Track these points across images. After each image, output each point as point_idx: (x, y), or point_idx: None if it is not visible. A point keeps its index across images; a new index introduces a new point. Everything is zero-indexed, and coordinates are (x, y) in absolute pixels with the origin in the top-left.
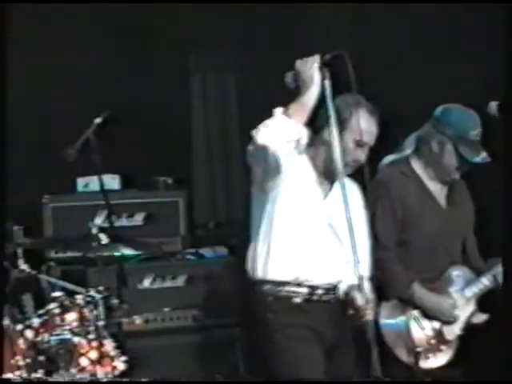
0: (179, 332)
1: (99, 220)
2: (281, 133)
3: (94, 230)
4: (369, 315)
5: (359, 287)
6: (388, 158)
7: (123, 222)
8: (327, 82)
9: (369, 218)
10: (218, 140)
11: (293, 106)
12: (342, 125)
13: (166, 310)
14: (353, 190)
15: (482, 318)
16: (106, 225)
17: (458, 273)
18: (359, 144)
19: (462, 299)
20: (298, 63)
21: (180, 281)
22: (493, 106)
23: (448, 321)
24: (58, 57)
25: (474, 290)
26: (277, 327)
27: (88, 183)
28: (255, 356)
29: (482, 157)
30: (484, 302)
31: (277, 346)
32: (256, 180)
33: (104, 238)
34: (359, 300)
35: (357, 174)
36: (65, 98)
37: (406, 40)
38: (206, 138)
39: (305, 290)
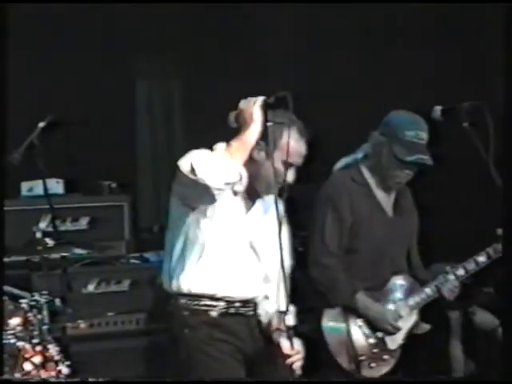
0: (124, 336)
1: (43, 224)
2: (222, 174)
3: (39, 235)
4: (295, 366)
5: (288, 336)
6: (341, 162)
7: (67, 226)
8: (270, 125)
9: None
10: (163, 143)
11: (234, 145)
12: (272, 144)
13: (111, 314)
14: (278, 207)
15: (424, 328)
16: (50, 229)
17: (401, 282)
18: (287, 164)
19: (406, 309)
20: (241, 103)
21: (124, 285)
22: (437, 110)
23: (391, 332)
24: (1, 58)
25: (416, 299)
26: (194, 343)
27: (32, 187)
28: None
29: (416, 157)
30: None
31: (194, 363)
32: (181, 196)
33: (49, 242)
34: (286, 349)
35: None
36: (8, 101)
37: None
38: (151, 142)
39: (221, 304)
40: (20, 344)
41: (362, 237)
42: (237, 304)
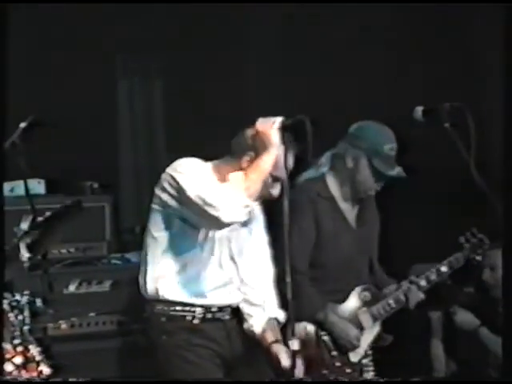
0: (105, 336)
1: (25, 225)
2: (236, 212)
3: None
4: (295, 374)
5: (291, 357)
6: (304, 175)
7: None
8: (286, 148)
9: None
10: (144, 144)
11: (251, 177)
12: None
13: (92, 314)
14: (258, 216)
15: (387, 339)
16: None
17: (365, 293)
18: (276, 179)
19: (369, 320)
20: (259, 123)
21: (106, 285)
22: (418, 110)
23: (352, 348)
24: None
25: (380, 310)
26: (172, 349)
27: (13, 187)
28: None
29: (396, 171)
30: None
31: (173, 368)
32: (175, 210)
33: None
34: (285, 360)
35: None
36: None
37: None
38: (132, 142)
39: (198, 309)
40: None
41: (328, 251)
42: (213, 309)
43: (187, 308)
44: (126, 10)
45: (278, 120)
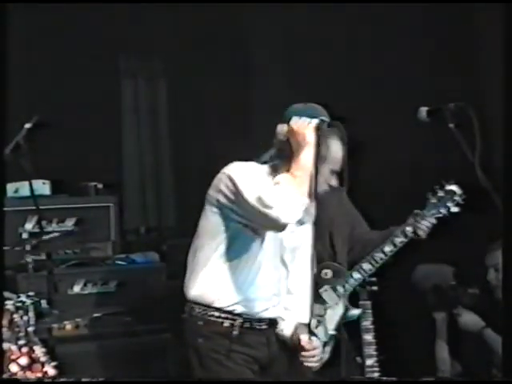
0: (109, 337)
1: (29, 225)
2: (294, 212)
3: (25, 235)
4: (312, 362)
5: (310, 331)
6: None
7: (54, 227)
8: (319, 148)
9: None
10: (149, 144)
11: (298, 174)
12: (323, 158)
13: (97, 315)
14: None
15: (354, 314)
16: (37, 230)
17: (326, 271)
18: (334, 172)
19: (333, 298)
20: (293, 121)
21: (111, 286)
22: (422, 111)
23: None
24: None
25: (345, 285)
26: (207, 353)
27: (18, 188)
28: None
29: None
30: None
31: (208, 373)
32: (234, 214)
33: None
34: (304, 342)
35: None
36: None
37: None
38: (137, 143)
39: (236, 318)
40: (6, 345)
41: None
42: (253, 319)
43: (226, 315)
44: (128, 10)
45: (315, 121)
